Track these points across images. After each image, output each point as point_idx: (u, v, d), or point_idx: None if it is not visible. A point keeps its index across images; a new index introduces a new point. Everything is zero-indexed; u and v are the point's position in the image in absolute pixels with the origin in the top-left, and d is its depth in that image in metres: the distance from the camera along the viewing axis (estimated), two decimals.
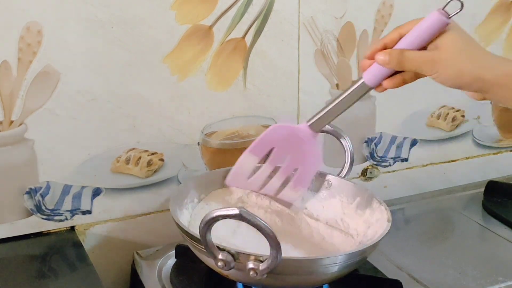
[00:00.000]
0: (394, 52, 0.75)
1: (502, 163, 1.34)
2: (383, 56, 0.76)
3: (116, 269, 1.04)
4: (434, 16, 0.73)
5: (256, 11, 1.02)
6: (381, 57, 0.76)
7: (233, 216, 0.69)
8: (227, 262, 0.73)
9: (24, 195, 0.96)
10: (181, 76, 1.00)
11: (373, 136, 1.19)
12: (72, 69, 0.93)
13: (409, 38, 0.75)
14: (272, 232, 0.69)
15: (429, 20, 0.74)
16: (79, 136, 0.96)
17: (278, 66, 1.06)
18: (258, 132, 1.07)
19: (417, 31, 0.74)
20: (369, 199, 0.93)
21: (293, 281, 0.78)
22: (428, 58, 0.74)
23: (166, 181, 1.04)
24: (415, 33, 0.74)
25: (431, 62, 0.73)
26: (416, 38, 0.74)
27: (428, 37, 0.74)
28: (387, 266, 0.97)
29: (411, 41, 0.75)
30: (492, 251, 1.06)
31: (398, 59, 0.74)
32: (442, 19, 0.73)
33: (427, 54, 0.74)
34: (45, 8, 0.89)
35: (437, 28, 0.73)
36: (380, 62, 0.76)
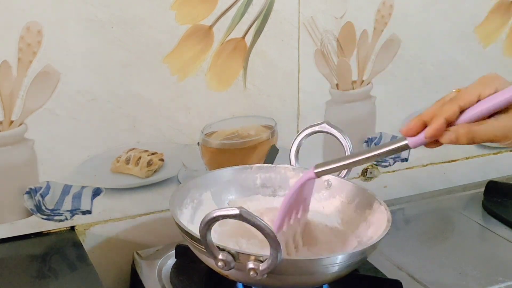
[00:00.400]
0: (462, 132, 0.70)
1: (502, 163, 1.34)
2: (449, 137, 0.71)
3: (116, 269, 1.04)
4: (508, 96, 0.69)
5: (256, 11, 1.02)
6: (446, 138, 0.71)
7: (233, 216, 0.69)
8: (227, 262, 0.73)
9: (24, 195, 0.96)
10: (181, 76, 1.00)
11: (373, 136, 1.19)
12: (72, 69, 0.93)
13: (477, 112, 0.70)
14: (272, 232, 0.69)
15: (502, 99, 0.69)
16: (79, 136, 0.96)
17: (278, 66, 1.06)
18: (258, 132, 1.08)
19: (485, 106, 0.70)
20: (369, 199, 0.93)
21: (293, 281, 0.78)
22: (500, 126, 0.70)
23: (166, 181, 1.04)
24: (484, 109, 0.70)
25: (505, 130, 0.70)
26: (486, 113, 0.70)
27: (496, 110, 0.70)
28: (387, 266, 0.97)
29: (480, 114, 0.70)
30: (492, 251, 1.06)
31: (468, 137, 0.70)
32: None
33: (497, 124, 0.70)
34: (45, 8, 0.89)
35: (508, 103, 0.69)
36: (447, 142, 0.71)
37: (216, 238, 0.76)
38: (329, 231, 0.94)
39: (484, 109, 0.70)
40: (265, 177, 1.00)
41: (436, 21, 1.17)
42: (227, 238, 0.85)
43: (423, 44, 1.18)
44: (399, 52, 1.16)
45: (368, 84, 1.15)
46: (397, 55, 1.16)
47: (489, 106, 0.70)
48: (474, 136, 0.70)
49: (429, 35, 1.18)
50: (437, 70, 1.20)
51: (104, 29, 0.93)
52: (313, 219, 0.96)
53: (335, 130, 0.96)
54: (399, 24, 1.14)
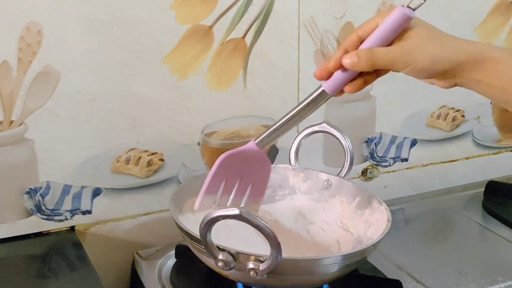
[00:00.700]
0: (362, 52, 0.70)
1: (502, 163, 1.34)
2: (350, 58, 0.70)
3: (116, 269, 1.04)
4: (398, 11, 0.69)
5: (256, 11, 1.02)
6: (348, 60, 0.70)
7: (233, 217, 0.69)
8: (227, 262, 0.73)
9: (24, 195, 0.96)
10: (181, 76, 1.00)
11: (373, 136, 1.19)
12: (72, 69, 0.93)
13: (374, 37, 0.70)
14: (273, 232, 0.69)
15: (393, 16, 0.69)
16: (79, 136, 0.96)
17: (278, 66, 1.06)
18: (258, 132, 1.08)
19: (381, 29, 0.70)
20: (369, 199, 0.93)
21: (293, 281, 0.78)
22: (400, 49, 0.69)
23: (166, 181, 1.04)
24: (380, 31, 0.70)
25: (405, 53, 0.69)
26: (381, 35, 0.70)
27: (393, 33, 0.70)
28: (387, 266, 0.97)
29: (376, 39, 0.70)
30: (492, 251, 1.06)
31: (368, 58, 0.70)
32: (406, 13, 0.69)
33: (397, 46, 0.70)
34: (45, 8, 0.89)
35: (402, 22, 0.69)
36: (349, 65, 0.71)
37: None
38: (328, 231, 0.94)
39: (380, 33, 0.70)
40: None
41: (436, 21, 1.17)
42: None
43: None
44: None
45: None
46: None
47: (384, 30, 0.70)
48: (374, 56, 0.69)
49: None
50: None
51: (104, 29, 0.93)
52: (312, 219, 0.96)
53: (335, 130, 0.96)
54: None
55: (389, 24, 0.70)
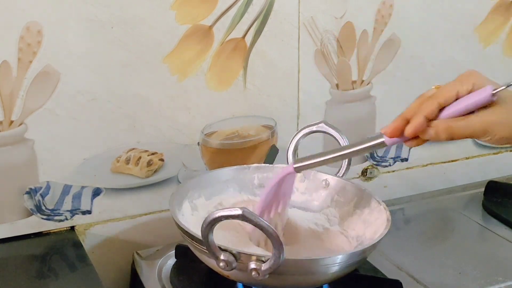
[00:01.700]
0: (441, 127, 0.71)
1: (502, 163, 1.34)
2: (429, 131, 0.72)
3: (116, 269, 1.04)
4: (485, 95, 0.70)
5: (256, 11, 1.02)
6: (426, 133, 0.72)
7: (235, 217, 0.69)
8: (228, 263, 0.73)
9: (24, 195, 0.96)
10: (181, 76, 1.00)
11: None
12: (72, 69, 0.93)
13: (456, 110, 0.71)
14: (275, 232, 0.69)
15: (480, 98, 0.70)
16: (79, 136, 0.96)
17: (278, 66, 1.06)
18: (258, 132, 1.08)
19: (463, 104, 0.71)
20: (368, 199, 0.93)
21: (293, 281, 0.78)
22: (479, 122, 0.70)
23: (166, 181, 1.04)
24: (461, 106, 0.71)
25: (484, 126, 0.70)
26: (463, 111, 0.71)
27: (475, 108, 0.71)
28: (387, 266, 0.97)
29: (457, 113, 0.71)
30: (492, 251, 1.06)
31: (447, 133, 0.71)
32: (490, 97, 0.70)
33: (477, 118, 0.71)
34: (45, 8, 0.89)
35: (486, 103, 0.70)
36: (427, 137, 0.73)
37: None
38: (327, 231, 0.94)
39: (462, 107, 0.71)
40: (262, 177, 1.00)
41: (436, 21, 1.17)
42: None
43: (423, 44, 1.18)
44: (399, 52, 1.16)
45: (368, 84, 1.15)
46: (397, 55, 1.16)
47: (467, 105, 0.71)
48: (453, 131, 0.71)
49: (429, 35, 1.17)
50: (437, 70, 1.20)
51: (104, 29, 0.93)
52: (310, 219, 0.96)
53: (333, 129, 0.96)
54: (399, 24, 1.14)
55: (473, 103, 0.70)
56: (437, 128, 0.72)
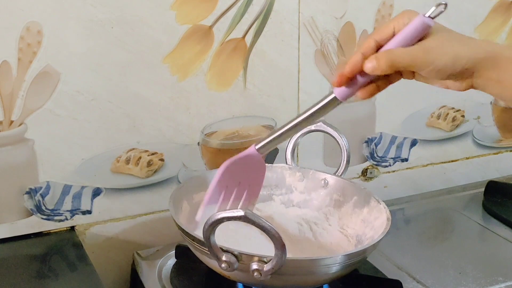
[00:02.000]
0: (380, 55, 0.70)
1: (502, 163, 1.34)
2: (371, 63, 0.70)
3: (116, 269, 1.04)
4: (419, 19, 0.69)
5: (256, 11, 1.02)
6: (369, 65, 0.70)
7: (238, 218, 0.69)
8: (230, 264, 0.73)
9: (24, 195, 0.96)
10: (181, 76, 1.00)
11: (373, 136, 1.19)
12: (72, 69, 0.93)
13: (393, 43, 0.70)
14: (278, 233, 0.69)
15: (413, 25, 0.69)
16: (79, 136, 0.96)
17: (278, 66, 1.06)
18: (258, 132, 1.08)
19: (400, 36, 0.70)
20: (367, 198, 0.93)
21: (294, 281, 0.78)
22: (421, 48, 0.69)
23: (166, 181, 1.04)
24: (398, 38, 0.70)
25: (425, 52, 0.69)
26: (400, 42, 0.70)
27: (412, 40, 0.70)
28: (387, 266, 0.97)
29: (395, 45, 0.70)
30: (492, 251, 1.06)
31: (387, 59, 0.69)
32: (426, 21, 0.69)
33: (418, 46, 0.69)
34: (45, 8, 0.89)
35: (421, 30, 0.70)
36: (370, 69, 0.70)
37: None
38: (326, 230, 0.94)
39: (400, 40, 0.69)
40: None
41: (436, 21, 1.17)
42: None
43: None
44: None
45: None
46: None
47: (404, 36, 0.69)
48: (394, 58, 0.69)
49: None
50: None
51: (104, 29, 0.93)
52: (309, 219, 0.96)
53: (331, 129, 0.96)
54: None
55: (408, 31, 0.69)
56: (377, 58, 0.69)
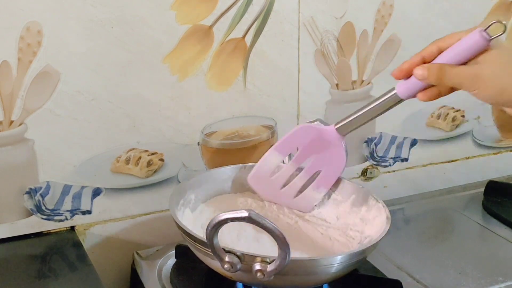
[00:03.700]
0: (433, 67, 0.72)
1: (502, 163, 1.34)
2: (422, 70, 0.73)
3: (116, 269, 1.04)
4: (475, 36, 0.71)
5: (256, 11, 1.02)
6: (419, 72, 0.73)
7: (242, 219, 0.69)
8: (233, 264, 0.73)
9: (24, 195, 0.96)
10: (181, 76, 1.00)
11: (373, 136, 1.19)
12: (72, 69, 0.93)
13: (449, 54, 0.72)
14: (282, 234, 0.69)
15: (470, 40, 0.71)
16: (79, 136, 0.96)
17: (278, 66, 1.06)
18: (258, 132, 1.08)
19: (457, 48, 0.72)
20: (365, 196, 0.93)
21: (294, 281, 0.78)
22: (470, 73, 0.71)
23: (166, 181, 1.04)
24: (456, 50, 0.72)
25: (473, 78, 0.71)
26: (456, 54, 0.72)
27: (469, 55, 0.72)
28: (387, 266, 0.97)
29: (451, 56, 0.72)
30: (492, 251, 1.06)
31: (437, 74, 0.72)
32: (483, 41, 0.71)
33: (468, 69, 0.71)
34: (45, 8, 0.89)
35: (477, 48, 0.71)
36: (419, 77, 0.74)
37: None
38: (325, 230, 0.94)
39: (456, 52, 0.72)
40: None
41: (436, 21, 1.17)
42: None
43: (423, 44, 1.16)
44: (399, 52, 1.16)
45: (368, 84, 1.15)
46: (397, 55, 1.16)
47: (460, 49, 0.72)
48: (444, 74, 0.71)
49: (429, 35, 1.17)
50: None
51: (104, 29, 0.93)
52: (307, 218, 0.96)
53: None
54: (399, 24, 1.14)
55: (466, 45, 0.71)
56: (429, 68, 0.72)
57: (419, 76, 0.73)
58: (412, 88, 0.76)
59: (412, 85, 0.76)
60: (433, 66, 0.73)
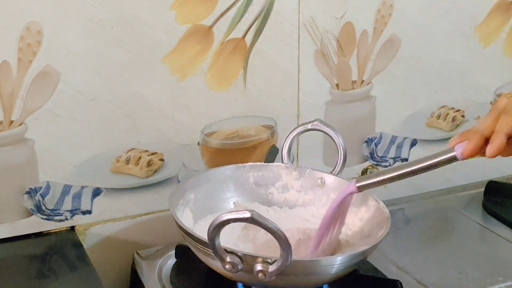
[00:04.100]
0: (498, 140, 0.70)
1: (502, 163, 1.34)
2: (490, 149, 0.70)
3: (116, 269, 1.04)
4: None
5: (256, 11, 1.02)
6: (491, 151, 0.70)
7: (244, 219, 0.68)
8: (234, 265, 0.73)
9: (24, 195, 0.96)
10: (181, 76, 1.00)
11: (373, 136, 1.19)
12: (72, 69, 0.93)
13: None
14: (284, 234, 0.69)
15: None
16: (79, 136, 0.96)
17: (278, 66, 1.06)
18: (258, 132, 1.08)
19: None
20: (364, 196, 0.93)
21: (294, 282, 0.78)
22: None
23: (166, 181, 1.04)
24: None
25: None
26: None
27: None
28: (387, 266, 0.97)
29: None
30: (492, 251, 1.06)
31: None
32: None
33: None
34: (45, 8, 0.89)
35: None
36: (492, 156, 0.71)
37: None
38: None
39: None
40: (257, 175, 1.00)
41: (436, 21, 1.17)
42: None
43: (423, 44, 1.18)
44: (399, 52, 1.16)
45: (368, 84, 1.15)
46: (397, 55, 1.16)
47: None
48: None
49: (429, 35, 1.17)
50: (437, 70, 1.20)
51: (104, 29, 0.93)
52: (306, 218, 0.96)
53: (328, 127, 0.96)
54: (399, 24, 1.14)
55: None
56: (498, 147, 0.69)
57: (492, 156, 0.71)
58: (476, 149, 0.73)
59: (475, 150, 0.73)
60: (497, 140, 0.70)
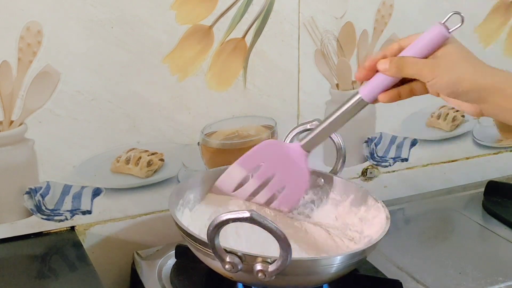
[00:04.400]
0: (394, 59, 0.76)
1: (502, 163, 1.34)
2: (383, 63, 0.76)
3: (116, 269, 1.04)
4: (436, 29, 0.74)
5: (256, 11, 1.02)
6: (381, 66, 0.76)
7: (244, 219, 0.68)
8: (234, 265, 0.73)
9: (24, 195, 0.96)
10: (181, 76, 1.00)
11: (373, 136, 1.19)
12: (72, 69, 0.93)
13: (410, 50, 0.76)
14: (284, 234, 0.69)
15: (431, 33, 0.74)
16: (79, 136, 0.96)
17: (278, 66, 1.06)
18: (258, 132, 1.08)
19: (418, 43, 0.75)
20: (364, 196, 0.93)
21: (294, 281, 0.78)
22: (428, 63, 0.74)
23: (166, 181, 1.04)
24: (417, 45, 0.75)
25: (431, 67, 0.74)
26: (417, 49, 0.75)
27: (429, 49, 0.75)
28: (387, 266, 0.97)
29: (412, 51, 0.75)
30: (492, 251, 1.06)
31: (397, 64, 0.75)
32: (443, 32, 0.74)
33: (427, 60, 0.75)
34: (45, 8, 0.89)
35: (437, 41, 0.74)
36: (381, 69, 0.77)
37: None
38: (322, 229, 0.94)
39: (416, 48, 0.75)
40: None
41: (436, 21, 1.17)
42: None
43: None
44: None
45: None
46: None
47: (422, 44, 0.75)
48: (404, 65, 0.75)
49: None
50: None
51: (104, 29, 0.93)
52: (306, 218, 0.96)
53: None
54: (399, 24, 1.14)
55: (426, 39, 0.75)
56: (391, 60, 0.76)
57: (381, 68, 0.77)
58: (375, 90, 0.78)
59: (375, 87, 0.78)
60: (394, 58, 0.76)
